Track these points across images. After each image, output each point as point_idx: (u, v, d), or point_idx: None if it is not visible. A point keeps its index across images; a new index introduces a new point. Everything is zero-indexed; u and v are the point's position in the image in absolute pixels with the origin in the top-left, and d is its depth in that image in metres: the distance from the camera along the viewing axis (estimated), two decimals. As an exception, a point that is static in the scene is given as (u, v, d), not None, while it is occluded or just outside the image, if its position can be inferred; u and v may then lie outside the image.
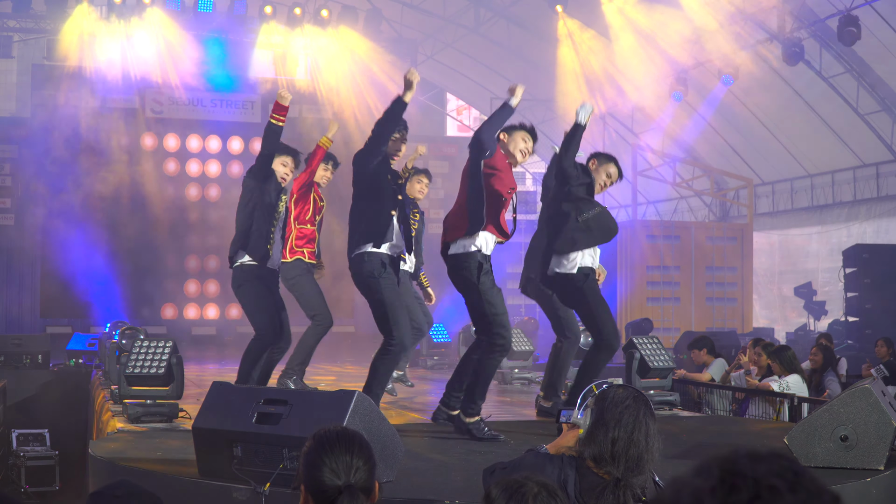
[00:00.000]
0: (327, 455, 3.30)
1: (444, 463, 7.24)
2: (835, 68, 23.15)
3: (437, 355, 16.80)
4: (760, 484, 1.82)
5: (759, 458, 1.87)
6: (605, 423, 4.37)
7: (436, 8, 27.78)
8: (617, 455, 4.31)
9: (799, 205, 27.68)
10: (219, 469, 6.12)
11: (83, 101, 22.65)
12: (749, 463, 1.86)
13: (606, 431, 4.35)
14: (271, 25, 24.67)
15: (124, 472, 6.48)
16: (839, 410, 6.76)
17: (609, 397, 4.45)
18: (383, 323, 8.05)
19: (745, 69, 23.82)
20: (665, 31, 24.83)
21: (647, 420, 4.38)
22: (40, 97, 22.83)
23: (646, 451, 4.33)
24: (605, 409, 4.41)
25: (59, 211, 22.10)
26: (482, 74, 31.57)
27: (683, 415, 10.54)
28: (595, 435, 4.39)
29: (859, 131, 24.19)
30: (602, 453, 4.34)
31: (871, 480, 6.49)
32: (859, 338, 20.18)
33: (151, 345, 9.32)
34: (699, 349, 14.62)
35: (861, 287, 21.06)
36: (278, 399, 6.14)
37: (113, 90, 22.88)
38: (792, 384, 11.70)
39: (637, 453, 4.31)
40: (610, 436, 4.33)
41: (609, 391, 4.50)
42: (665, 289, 23.92)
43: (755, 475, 1.83)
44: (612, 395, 4.46)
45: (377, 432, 5.82)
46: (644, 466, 4.33)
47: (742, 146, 27.80)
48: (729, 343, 17.89)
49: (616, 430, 4.33)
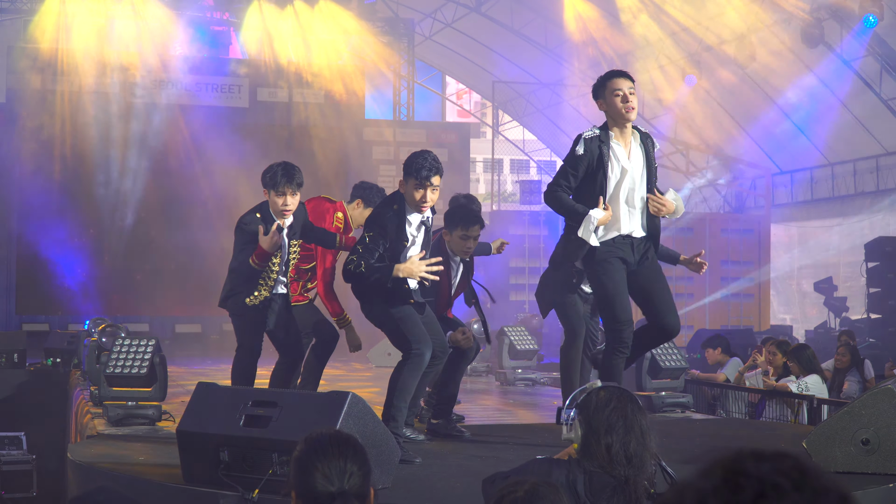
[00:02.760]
0: (319, 460, 3.30)
1: (443, 468, 7.25)
2: (856, 51, 23.13)
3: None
4: (765, 483, 1.85)
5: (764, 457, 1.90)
6: (595, 432, 4.41)
7: (434, -15, 27.76)
8: (616, 459, 4.36)
9: (819, 195, 27.67)
10: (204, 475, 6.12)
11: (59, 85, 22.63)
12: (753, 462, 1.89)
13: (598, 440, 4.39)
14: (259, 4, 24.63)
15: (104, 478, 6.49)
16: (860, 412, 6.76)
17: (592, 404, 4.48)
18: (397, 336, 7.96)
19: (761, 52, 23.81)
20: (678, 12, 24.84)
21: (637, 417, 4.43)
22: (16, 80, 22.80)
23: (644, 449, 4.39)
24: (592, 417, 4.44)
25: (35, 202, 22.07)
26: (484, 56, 31.51)
27: (696, 417, 10.55)
28: (589, 446, 4.43)
29: (882, 117, 24.17)
30: (602, 462, 4.38)
31: (895, 486, 6.50)
32: (882, 336, 20.19)
33: (133, 343, 9.32)
34: (713, 348, 14.63)
35: (884, 282, 21.06)
36: (267, 401, 6.13)
37: (92, 73, 22.85)
38: (811, 385, 11.71)
39: (636, 452, 4.35)
40: (603, 443, 4.38)
41: (591, 398, 4.52)
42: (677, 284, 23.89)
43: (759, 474, 1.86)
44: (595, 402, 4.48)
45: (372, 436, 5.83)
46: (646, 463, 4.38)
47: (759, 133, 27.78)
48: (745, 342, 17.88)
49: (608, 436, 4.38)
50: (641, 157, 7.79)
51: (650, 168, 7.82)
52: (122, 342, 9.39)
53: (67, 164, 22.43)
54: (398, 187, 7.97)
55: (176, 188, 23.22)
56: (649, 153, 7.84)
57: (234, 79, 24.15)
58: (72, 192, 22.56)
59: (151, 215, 23.08)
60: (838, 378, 13.60)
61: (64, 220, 22.29)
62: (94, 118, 22.65)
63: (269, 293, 8.60)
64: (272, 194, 8.52)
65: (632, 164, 7.72)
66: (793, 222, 28.83)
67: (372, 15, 26.07)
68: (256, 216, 8.54)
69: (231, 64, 24.41)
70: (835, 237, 27.40)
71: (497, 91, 31.28)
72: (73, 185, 22.61)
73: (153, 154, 23.12)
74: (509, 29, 28.77)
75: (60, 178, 22.37)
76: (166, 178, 23.23)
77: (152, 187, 23.14)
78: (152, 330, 21.62)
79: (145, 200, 23.08)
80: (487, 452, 7.90)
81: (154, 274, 23.13)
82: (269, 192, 8.54)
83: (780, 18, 23.12)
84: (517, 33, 28.91)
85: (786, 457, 1.91)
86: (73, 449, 7.85)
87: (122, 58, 23.23)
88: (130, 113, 23.02)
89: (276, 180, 8.47)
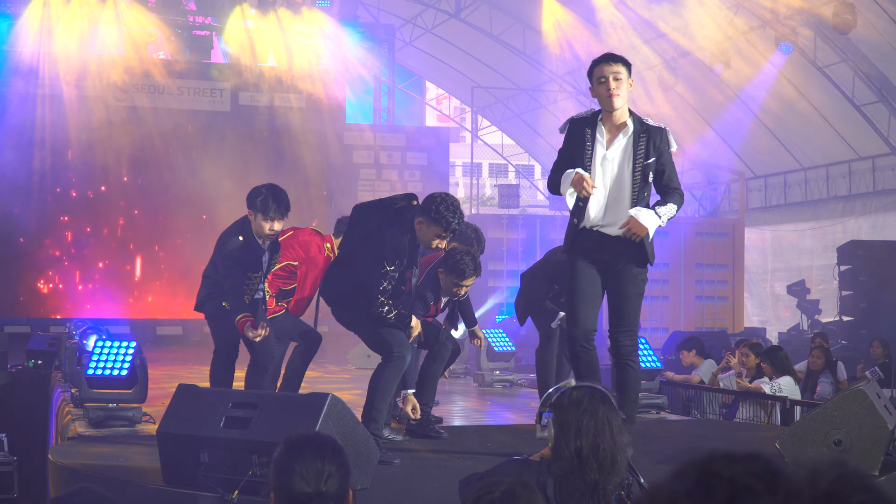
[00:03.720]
0: (298, 461, 3.29)
1: (421, 469, 7.25)
2: (830, 57, 23.21)
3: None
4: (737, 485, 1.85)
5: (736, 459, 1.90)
6: (565, 434, 4.33)
7: (415, -9, 27.77)
8: (586, 462, 4.27)
9: (792, 199, 27.78)
10: (185, 476, 6.10)
11: (40, 89, 22.55)
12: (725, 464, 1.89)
13: (568, 442, 4.31)
14: (243, 9, 24.57)
15: (85, 479, 6.46)
16: (833, 414, 6.77)
17: (564, 404, 4.41)
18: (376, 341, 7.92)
19: (736, 59, 23.89)
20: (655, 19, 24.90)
21: (609, 418, 4.34)
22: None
23: (616, 451, 4.31)
24: (563, 418, 4.37)
25: (16, 204, 21.98)
26: (463, 62, 31.55)
27: (671, 418, 10.57)
28: (559, 447, 4.35)
29: (855, 123, 24.27)
30: (571, 463, 4.31)
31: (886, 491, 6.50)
32: (854, 338, 20.24)
33: (114, 345, 9.28)
34: (688, 350, 14.66)
35: (856, 285, 21.13)
36: (247, 402, 6.12)
37: (73, 77, 22.76)
38: (784, 386, 11.74)
39: (607, 455, 4.29)
40: (573, 446, 4.29)
41: (563, 397, 4.45)
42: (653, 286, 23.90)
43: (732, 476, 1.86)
44: (567, 401, 4.41)
45: (351, 437, 5.82)
46: (619, 465, 4.32)
47: (733, 138, 27.87)
48: (719, 343, 17.89)
49: (577, 439, 4.29)
50: (622, 150, 7.28)
51: (635, 164, 7.26)
52: (103, 344, 9.34)
53: (47, 168, 22.33)
54: (415, 224, 7.73)
55: (157, 191, 23.14)
56: (640, 148, 7.29)
57: (216, 83, 24.08)
58: (52, 196, 22.47)
59: (133, 219, 23.01)
60: (811, 379, 13.65)
61: (45, 224, 22.21)
62: (75, 121, 22.55)
63: (248, 300, 8.63)
64: (259, 218, 8.52)
65: (610, 153, 7.27)
66: (766, 226, 28.93)
67: (353, 20, 26.06)
68: (239, 239, 8.54)
69: (213, 68, 24.34)
70: (808, 241, 27.50)
71: (476, 96, 31.29)
72: (53, 189, 22.52)
73: (134, 158, 23.03)
74: (488, 35, 28.80)
75: (40, 182, 22.27)
76: (147, 182, 23.15)
77: (133, 190, 23.06)
78: (133, 332, 21.52)
79: (127, 203, 23.01)
80: (465, 453, 7.90)
81: (135, 276, 23.05)
82: (257, 216, 8.53)
83: (756, 25, 23.19)
84: (496, 39, 28.95)
85: (758, 458, 1.91)
86: (54, 450, 7.81)
87: (104, 61, 23.15)
88: (111, 116, 22.92)
89: (268, 207, 8.48)
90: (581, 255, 7.33)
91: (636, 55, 26.19)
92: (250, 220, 8.59)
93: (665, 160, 7.41)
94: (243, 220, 8.67)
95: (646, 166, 7.30)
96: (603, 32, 25.61)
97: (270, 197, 8.50)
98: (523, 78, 29.99)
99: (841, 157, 25.84)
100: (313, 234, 9.75)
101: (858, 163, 25.47)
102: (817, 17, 22.06)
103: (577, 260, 7.35)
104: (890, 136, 23.89)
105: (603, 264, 7.32)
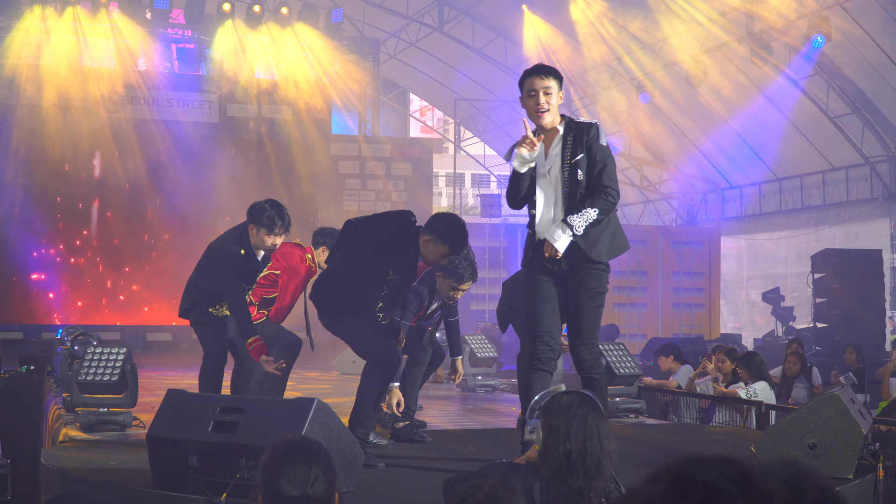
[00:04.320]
0: (285, 465, 3.30)
1: (405, 472, 7.25)
2: (804, 70, 23.29)
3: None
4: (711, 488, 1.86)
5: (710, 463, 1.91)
6: (555, 437, 4.35)
7: (399, 6, 27.79)
8: (574, 466, 4.29)
9: (767, 209, 27.83)
10: (174, 479, 6.09)
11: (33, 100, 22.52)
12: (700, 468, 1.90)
13: (558, 445, 4.33)
14: (231, 24, 24.59)
15: (77, 482, 6.45)
16: (807, 418, 6.78)
17: (555, 409, 4.43)
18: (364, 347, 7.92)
19: (712, 71, 23.96)
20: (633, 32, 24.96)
21: (598, 423, 4.37)
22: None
23: (603, 456, 4.33)
24: (553, 421, 4.39)
25: (9, 213, 21.95)
26: (446, 74, 31.59)
27: (649, 422, 10.58)
28: (548, 449, 4.37)
29: (829, 134, 24.34)
30: (559, 467, 4.32)
31: (840, 489, 6.52)
32: (827, 344, 20.30)
33: (105, 352, 9.26)
34: (665, 356, 14.67)
35: (830, 293, 21.19)
36: (235, 407, 6.12)
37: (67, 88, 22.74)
38: (759, 391, 11.77)
39: (594, 460, 4.30)
40: (562, 449, 4.31)
41: (554, 402, 4.47)
42: (631, 294, 24.01)
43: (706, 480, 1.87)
44: (558, 406, 4.43)
45: (337, 441, 5.82)
46: (604, 470, 4.34)
47: (710, 149, 27.93)
48: (696, 350, 17.94)
49: (567, 442, 4.31)
50: (558, 156, 6.98)
51: (563, 163, 6.94)
52: (94, 350, 9.33)
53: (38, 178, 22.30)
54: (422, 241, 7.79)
55: (145, 202, 23.14)
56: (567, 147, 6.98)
57: (204, 95, 24.07)
58: (44, 206, 22.45)
59: (123, 228, 22.98)
60: (787, 385, 13.68)
61: (37, 234, 22.18)
62: (65, 132, 22.52)
63: None
64: (262, 233, 8.56)
65: (548, 163, 7.00)
66: (742, 235, 28.98)
67: (339, 34, 26.07)
68: (241, 252, 8.56)
69: (201, 81, 24.33)
70: (782, 249, 27.56)
71: (459, 108, 31.35)
72: (48, 198, 22.49)
73: (124, 169, 23.02)
74: (470, 48, 28.84)
75: (33, 192, 22.26)
76: (137, 191, 23.13)
77: (123, 201, 23.04)
78: (124, 339, 21.51)
79: (116, 214, 22.98)
80: (448, 456, 7.90)
81: (126, 284, 23.02)
82: (260, 231, 8.55)
83: (732, 39, 23.26)
84: (478, 52, 28.99)
85: (731, 462, 1.92)
86: (47, 454, 7.80)
87: (93, 74, 23.14)
88: (102, 128, 22.90)
89: (274, 223, 8.53)
90: (537, 268, 7.03)
91: (614, 68, 26.28)
92: (249, 233, 8.60)
93: (595, 154, 6.95)
94: (241, 232, 8.66)
95: (573, 164, 6.94)
96: (583, 44, 25.67)
97: (276, 213, 8.53)
98: (504, 90, 30.00)
99: (815, 168, 25.92)
100: (295, 246, 9.76)
101: (832, 173, 25.55)
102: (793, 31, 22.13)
103: (535, 274, 7.05)
104: (863, 146, 23.96)
105: (559, 276, 7.00)
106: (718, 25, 23.11)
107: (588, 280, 6.97)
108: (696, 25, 23.31)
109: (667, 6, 23.28)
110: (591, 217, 6.81)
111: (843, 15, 20.92)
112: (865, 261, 21.50)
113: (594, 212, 6.83)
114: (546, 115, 7.02)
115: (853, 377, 14.97)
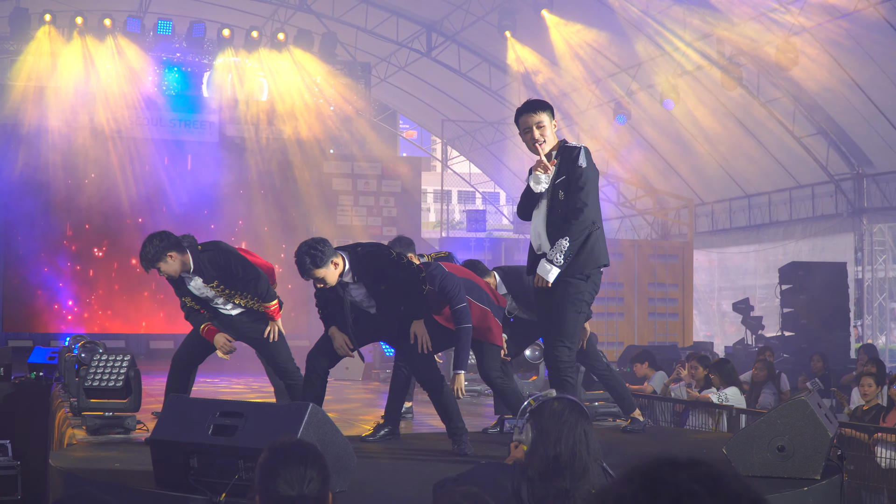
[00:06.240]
0: (282, 466, 3.29)
1: (395, 473, 7.23)
2: (772, 92, 23.37)
3: (390, 368, 16.73)
4: (681, 489, 1.85)
5: (680, 465, 1.90)
6: (544, 441, 4.33)
7: (389, 32, 27.85)
8: (562, 469, 4.28)
9: (737, 224, 27.91)
10: (175, 480, 6.06)
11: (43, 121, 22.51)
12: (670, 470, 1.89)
13: (547, 448, 4.31)
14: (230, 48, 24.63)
15: (84, 483, 6.42)
16: (777, 421, 6.78)
17: (546, 413, 4.42)
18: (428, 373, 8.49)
19: (686, 93, 24.03)
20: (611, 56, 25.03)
21: (586, 429, 4.36)
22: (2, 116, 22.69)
23: (590, 461, 4.33)
24: (544, 425, 4.37)
25: (21, 226, 21.92)
26: (434, 97, 31.66)
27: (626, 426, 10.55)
28: (536, 451, 4.35)
29: (795, 154, 24.43)
30: (546, 468, 4.31)
31: (808, 490, 6.52)
32: (795, 352, 20.33)
33: (110, 358, 9.24)
34: (641, 363, 14.68)
35: (796, 303, 21.21)
36: (234, 411, 6.10)
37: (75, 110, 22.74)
38: (730, 396, 11.79)
39: (582, 465, 4.29)
40: (551, 453, 4.30)
41: (545, 406, 4.46)
42: (610, 304, 23.99)
43: (676, 481, 1.86)
44: (549, 410, 4.42)
45: (330, 443, 5.80)
46: (590, 474, 4.32)
47: (683, 168, 28.00)
48: (670, 357, 17.95)
49: (557, 446, 4.29)
50: (549, 177, 7.37)
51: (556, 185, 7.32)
52: (100, 357, 9.30)
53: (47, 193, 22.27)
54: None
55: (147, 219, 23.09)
56: (554, 170, 7.36)
57: (204, 116, 24.09)
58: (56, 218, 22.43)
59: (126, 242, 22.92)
60: (755, 390, 13.70)
61: (47, 247, 22.15)
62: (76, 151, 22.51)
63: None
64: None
65: (542, 187, 7.39)
66: (713, 249, 29.04)
67: (332, 59, 26.13)
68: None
69: (201, 102, 24.33)
70: (751, 262, 27.63)
71: (446, 128, 31.41)
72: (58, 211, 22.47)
73: (127, 186, 22.99)
74: (457, 72, 28.88)
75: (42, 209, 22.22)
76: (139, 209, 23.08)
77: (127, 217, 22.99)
78: (128, 346, 21.47)
79: (121, 229, 22.95)
80: (437, 458, 7.88)
81: (130, 296, 22.98)
82: None
83: (705, 63, 23.32)
84: (464, 76, 29.03)
85: (700, 464, 1.91)
86: (55, 456, 7.77)
87: (99, 95, 23.14)
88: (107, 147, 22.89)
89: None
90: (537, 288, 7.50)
91: (592, 90, 26.33)
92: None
93: (572, 175, 7.31)
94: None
95: (556, 186, 7.33)
96: (563, 67, 25.72)
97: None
98: (489, 112, 30.10)
99: (782, 185, 26.00)
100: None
101: (798, 190, 25.63)
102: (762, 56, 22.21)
103: (538, 290, 7.50)
104: (828, 165, 24.05)
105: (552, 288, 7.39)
106: (692, 50, 23.18)
107: (567, 287, 7.36)
108: (670, 49, 23.40)
109: (640, 31, 23.35)
110: (565, 247, 7.23)
111: (809, 40, 20.99)
112: (831, 273, 21.54)
113: (566, 241, 7.24)
114: (543, 146, 7.39)
115: (819, 383, 14.98)
